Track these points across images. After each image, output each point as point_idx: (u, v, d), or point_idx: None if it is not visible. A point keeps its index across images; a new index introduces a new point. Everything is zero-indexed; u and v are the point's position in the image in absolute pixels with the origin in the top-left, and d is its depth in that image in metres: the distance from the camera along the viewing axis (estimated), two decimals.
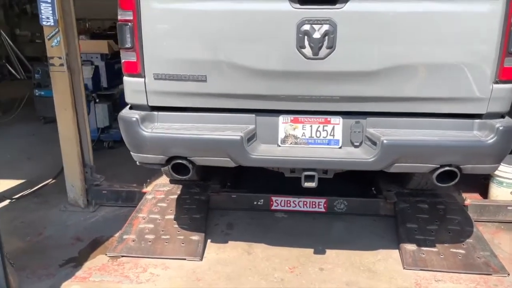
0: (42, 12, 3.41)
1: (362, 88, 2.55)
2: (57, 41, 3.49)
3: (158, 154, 2.67)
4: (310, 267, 3.11)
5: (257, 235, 3.48)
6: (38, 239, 3.47)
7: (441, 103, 2.57)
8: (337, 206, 3.66)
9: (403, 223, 3.39)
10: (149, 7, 2.50)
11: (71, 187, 3.90)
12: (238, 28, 2.50)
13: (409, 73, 2.50)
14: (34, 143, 5.68)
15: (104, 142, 5.44)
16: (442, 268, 3.01)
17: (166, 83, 2.60)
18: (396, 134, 2.56)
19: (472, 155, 2.53)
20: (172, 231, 3.37)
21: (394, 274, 3.02)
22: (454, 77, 2.49)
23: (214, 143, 2.61)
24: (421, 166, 2.58)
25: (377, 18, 2.42)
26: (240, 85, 2.60)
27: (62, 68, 3.56)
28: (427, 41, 2.45)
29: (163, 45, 2.57)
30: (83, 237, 3.49)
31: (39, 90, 6.05)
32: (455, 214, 3.50)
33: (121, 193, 3.97)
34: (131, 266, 3.09)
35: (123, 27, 2.54)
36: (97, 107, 5.27)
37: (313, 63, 2.46)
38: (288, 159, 2.66)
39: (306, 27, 2.40)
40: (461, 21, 2.42)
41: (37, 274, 3.02)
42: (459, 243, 3.21)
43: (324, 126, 2.69)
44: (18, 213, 3.86)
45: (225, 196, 3.80)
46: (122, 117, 2.69)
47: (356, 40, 2.44)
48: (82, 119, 3.77)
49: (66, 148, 3.80)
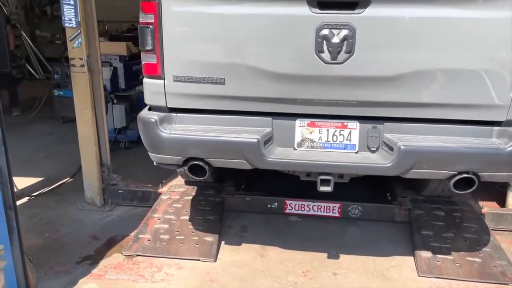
0: (65, 14, 3.49)
1: (380, 93, 2.55)
2: (78, 43, 3.56)
3: (175, 155, 2.70)
4: (324, 271, 3.10)
5: (270, 238, 3.49)
6: (56, 237, 3.53)
7: (459, 109, 2.56)
8: (352, 211, 3.64)
9: (418, 230, 3.36)
10: (170, 10, 2.54)
11: (88, 186, 3.97)
12: (257, 31, 2.53)
13: (427, 79, 2.50)
14: (52, 142, 5.79)
15: (121, 142, 5.51)
16: (458, 276, 2.98)
17: (185, 85, 2.64)
18: (413, 140, 2.56)
19: (490, 162, 2.51)
20: (187, 231, 3.40)
21: (409, 281, 3.00)
22: (473, 83, 2.48)
23: (231, 145, 2.63)
24: (439, 172, 2.57)
25: (397, 23, 2.42)
26: (258, 88, 2.62)
27: (82, 69, 3.63)
28: (446, 47, 2.44)
29: (183, 48, 2.61)
30: (100, 235, 3.54)
31: (58, 90, 6.17)
32: (472, 222, 3.45)
33: (137, 193, 4.02)
34: (146, 265, 3.13)
35: (144, 29, 2.59)
36: (115, 108, 5.35)
37: (331, 67, 2.48)
38: (304, 162, 2.67)
39: (325, 32, 2.42)
40: (481, 27, 2.41)
41: (55, 270, 3.08)
42: (476, 251, 3.17)
43: (341, 130, 2.69)
44: (37, 211, 3.94)
45: (239, 198, 3.82)
46: (141, 118, 2.74)
47: (375, 45, 2.45)
48: (101, 119, 3.84)
49: (84, 148, 3.87)
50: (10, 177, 2.42)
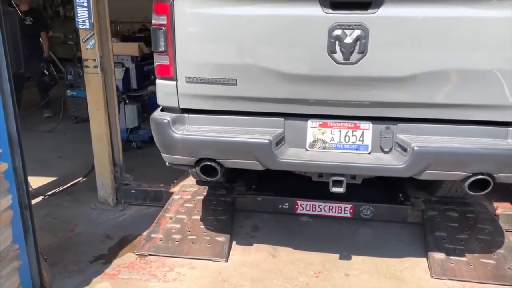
0: (78, 15, 3.53)
1: (393, 94, 2.53)
2: (92, 44, 3.60)
3: (187, 155, 2.72)
4: (336, 272, 3.09)
5: (282, 238, 3.49)
6: (69, 236, 3.57)
7: (474, 110, 2.52)
8: (363, 212, 3.63)
9: (431, 231, 3.33)
10: (183, 11, 2.55)
11: (101, 186, 4.00)
12: (269, 32, 2.53)
13: (441, 79, 2.47)
14: (65, 142, 5.86)
15: (133, 142, 5.56)
16: (472, 278, 2.95)
17: (197, 86, 2.65)
18: (427, 140, 2.53)
19: (506, 163, 2.47)
20: (199, 231, 3.41)
21: (422, 282, 2.97)
22: (488, 83, 2.45)
23: (243, 146, 2.64)
24: (453, 174, 2.54)
25: (410, 23, 2.40)
26: (270, 89, 2.62)
27: (96, 70, 3.67)
28: (460, 47, 2.41)
29: (195, 49, 2.62)
30: (112, 235, 3.57)
31: (71, 90, 6.24)
32: (486, 223, 3.41)
33: (149, 193, 4.05)
34: (158, 265, 3.15)
35: (157, 31, 2.61)
36: (127, 108, 5.40)
37: (344, 68, 2.46)
38: (316, 163, 2.66)
39: (337, 32, 2.41)
40: (494, 26, 2.37)
41: (68, 269, 3.11)
42: (490, 253, 3.13)
43: (353, 131, 2.68)
44: (51, 210, 3.99)
45: (250, 198, 3.82)
46: (154, 119, 2.76)
47: (388, 46, 2.43)
48: (114, 120, 3.87)
49: (97, 147, 3.91)
50: (25, 178, 2.46)
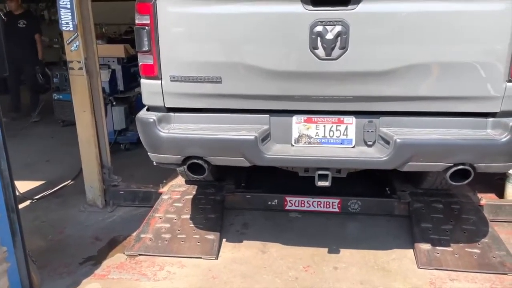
0: (61, 17, 3.52)
1: (374, 88, 2.57)
2: (76, 46, 3.59)
3: (174, 154, 2.73)
4: (325, 266, 3.13)
5: (271, 234, 3.52)
6: (58, 238, 3.57)
7: (454, 102, 2.58)
8: (351, 206, 3.67)
9: (417, 223, 3.39)
10: (165, 11, 2.57)
11: (89, 188, 4.00)
12: (252, 30, 2.56)
13: (422, 73, 2.52)
14: (53, 146, 5.84)
15: (121, 144, 5.55)
16: (457, 267, 3.01)
17: (182, 85, 2.67)
18: (409, 133, 2.58)
19: (486, 153, 2.53)
20: (188, 230, 3.43)
21: (409, 273, 3.02)
22: (467, 76, 2.50)
23: (229, 143, 2.66)
24: (435, 165, 2.59)
25: (389, 18, 2.45)
26: (254, 86, 2.65)
27: (81, 71, 3.66)
28: (440, 40, 2.46)
29: (179, 48, 2.64)
30: (102, 236, 3.57)
31: (58, 93, 6.20)
32: (470, 214, 3.48)
33: (138, 194, 4.05)
34: (148, 264, 3.16)
35: (140, 31, 2.62)
36: (114, 110, 5.39)
37: (326, 63, 2.50)
38: (301, 158, 2.70)
39: (318, 28, 2.44)
40: (474, 20, 2.43)
41: (58, 271, 3.11)
42: (474, 242, 3.20)
43: (337, 125, 2.72)
44: (40, 213, 3.97)
45: (239, 196, 3.85)
46: (140, 119, 2.77)
47: (368, 41, 2.47)
48: (100, 122, 3.87)
49: (84, 150, 3.90)
50: (11, 180, 2.45)
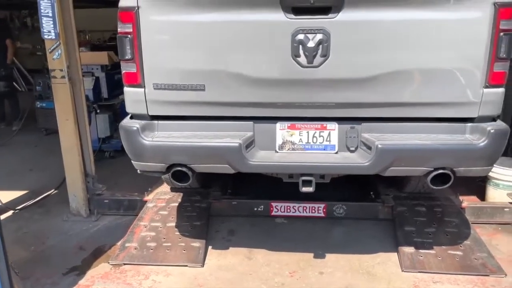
0: (43, 26, 3.49)
1: (356, 95, 2.62)
2: (58, 54, 3.57)
3: (158, 162, 2.73)
4: (310, 271, 3.15)
5: (257, 241, 3.52)
6: (41, 249, 3.51)
7: (433, 108, 2.63)
8: (336, 210, 3.70)
9: (401, 226, 3.43)
10: (148, 19, 2.57)
11: (73, 197, 3.95)
12: (234, 38, 2.58)
13: (401, 80, 2.57)
14: (36, 154, 5.76)
15: (106, 152, 5.51)
16: (440, 270, 3.05)
17: (165, 93, 2.67)
18: (390, 138, 2.62)
19: (465, 158, 2.59)
20: (174, 238, 3.41)
21: (393, 276, 3.06)
22: (446, 82, 2.56)
23: (213, 150, 2.67)
24: (415, 169, 2.64)
25: (369, 26, 2.49)
26: (238, 94, 2.66)
27: (63, 80, 3.63)
28: (419, 48, 2.52)
29: (162, 56, 2.64)
30: (86, 246, 3.53)
31: (41, 102, 6.14)
32: (452, 216, 3.54)
33: (123, 202, 4.02)
34: (133, 273, 3.13)
35: (123, 39, 2.62)
36: (98, 118, 5.35)
37: (308, 71, 2.53)
38: (285, 164, 2.72)
39: (300, 37, 2.48)
40: (451, 28, 2.49)
41: (41, 282, 3.06)
42: (457, 245, 3.25)
43: (320, 132, 2.75)
44: (22, 224, 3.91)
45: (225, 203, 3.85)
46: (123, 127, 2.76)
47: (349, 48, 2.51)
48: (84, 130, 3.84)
49: (68, 159, 3.86)
50: None
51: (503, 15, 2.42)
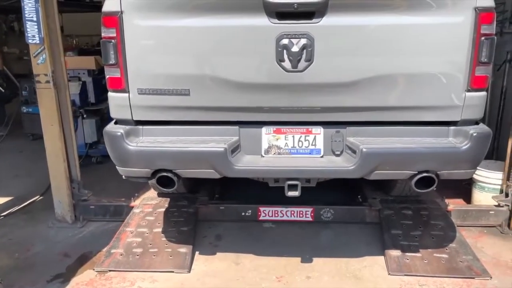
0: (28, 30, 3.46)
1: (341, 99, 2.63)
2: (43, 59, 3.54)
3: (143, 167, 2.71)
4: (297, 275, 3.14)
5: (245, 246, 3.51)
6: (26, 256, 3.46)
7: (417, 111, 2.65)
8: (324, 214, 3.71)
9: (387, 230, 3.45)
10: (132, 24, 2.56)
11: (58, 203, 3.90)
12: (219, 43, 2.58)
13: (385, 84, 2.58)
14: (22, 160, 5.69)
15: (93, 157, 5.46)
16: (426, 272, 3.07)
17: (150, 98, 2.66)
18: (374, 142, 2.64)
19: (448, 161, 2.61)
20: (160, 244, 3.38)
21: (379, 280, 3.07)
22: (429, 86, 2.58)
23: (198, 155, 2.66)
24: (400, 173, 2.66)
25: (352, 31, 2.51)
26: (223, 98, 2.66)
27: (48, 85, 3.60)
28: (402, 52, 2.54)
29: (146, 60, 2.63)
30: (71, 253, 3.49)
31: (27, 107, 6.07)
32: (438, 219, 3.57)
33: (109, 208, 3.98)
34: (118, 280, 3.10)
35: (106, 44, 2.60)
36: (85, 123, 5.30)
37: (293, 75, 2.54)
38: (271, 169, 2.72)
39: (284, 41, 2.48)
40: (434, 32, 2.51)
41: None
42: (443, 248, 3.27)
43: (306, 136, 2.76)
44: (6, 230, 3.85)
45: (213, 208, 3.83)
46: (107, 132, 2.73)
47: (333, 53, 2.53)
48: (69, 135, 3.80)
49: (52, 164, 3.81)
50: None
51: (484, 20, 2.45)
